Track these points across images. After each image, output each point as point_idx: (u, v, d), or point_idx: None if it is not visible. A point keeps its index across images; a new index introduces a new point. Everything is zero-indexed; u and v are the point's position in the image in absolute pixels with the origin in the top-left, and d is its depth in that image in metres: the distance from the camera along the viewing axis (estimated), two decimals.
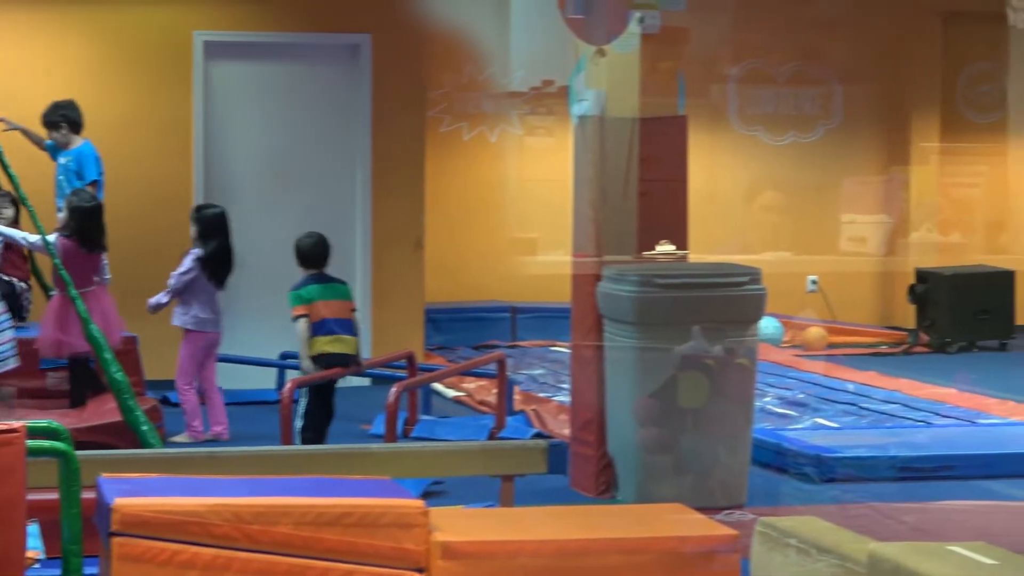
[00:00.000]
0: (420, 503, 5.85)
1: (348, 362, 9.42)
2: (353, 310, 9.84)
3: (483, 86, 15.69)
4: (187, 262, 9.80)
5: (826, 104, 16.80)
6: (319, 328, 9.42)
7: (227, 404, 9.78)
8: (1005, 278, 14.99)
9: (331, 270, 9.71)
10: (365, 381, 11.30)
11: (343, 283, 9.94)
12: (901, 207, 16.47)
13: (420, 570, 5.60)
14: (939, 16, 16.39)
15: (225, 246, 9.81)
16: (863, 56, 16.55)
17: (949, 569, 4.49)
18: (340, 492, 6.04)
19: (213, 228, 10.12)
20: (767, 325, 13.03)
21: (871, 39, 16.44)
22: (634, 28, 8.83)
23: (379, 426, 9.57)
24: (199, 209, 10.44)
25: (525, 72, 15.22)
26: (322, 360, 9.31)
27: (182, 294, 9.79)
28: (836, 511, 7.91)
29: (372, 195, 12.47)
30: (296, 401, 8.79)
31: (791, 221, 16.46)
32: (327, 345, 9.44)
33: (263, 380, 11.13)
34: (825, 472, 8.98)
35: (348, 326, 9.55)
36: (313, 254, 9.62)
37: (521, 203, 15.78)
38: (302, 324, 9.16)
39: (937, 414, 10.79)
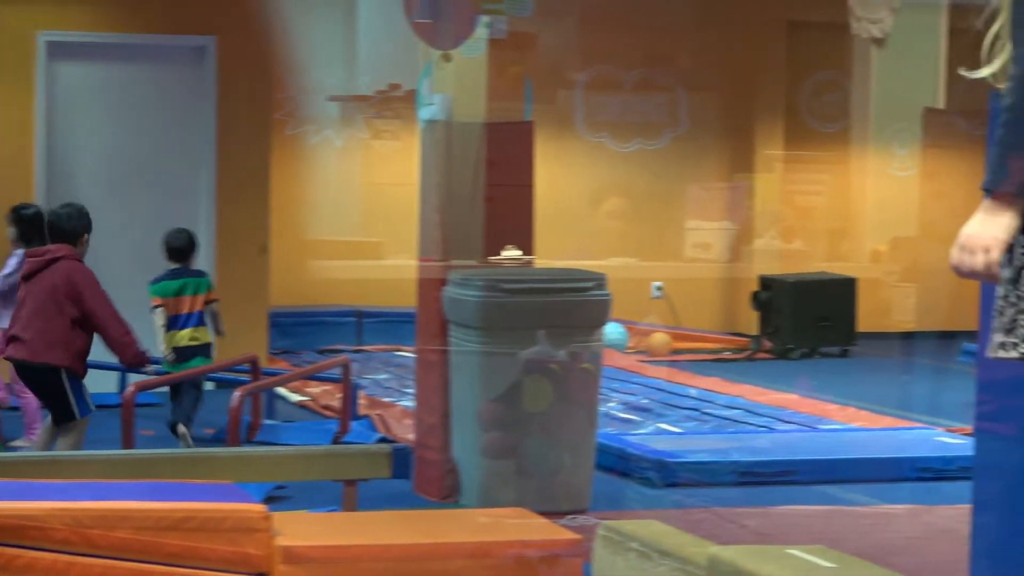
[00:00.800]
0: (262, 507, 5.87)
1: (204, 352, 9.58)
2: (209, 301, 9.95)
3: (330, 89, 15.66)
4: (11, 263, 9.65)
5: (672, 111, 16.86)
6: (176, 322, 9.50)
7: None
8: (847, 285, 15.16)
9: None
10: (209, 384, 11.03)
11: (203, 275, 10.10)
12: (745, 214, 16.72)
13: (262, 575, 5.61)
14: (784, 25, 16.57)
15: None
16: (709, 64, 16.65)
17: (787, 572, 4.55)
18: (182, 496, 6.00)
19: (33, 228, 9.82)
20: (612, 330, 13.04)
21: (717, 47, 16.55)
22: (481, 33, 8.87)
23: (222, 430, 9.54)
24: (17, 210, 10.21)
25: (372, 76, 15.28)
26: (179, 353, 9.41)
27: (7, 296, 9.49)
28: (678, 515, 7.90)
29: (216, 198, 12.41)
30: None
31: (637, 227, 16.66)
32: (184, 338, 9.52)
33: (105, 384, 10.70)
34: (667, 477, 9.06)
35: (201, 318, 9.74)
36: (178, 248, 9.77)
37: (367, 207, 15.81)
38: (158, 315, 9.30)
39: (779, 420, 10.91)
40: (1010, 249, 3.35)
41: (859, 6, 13.16)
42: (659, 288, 16.13)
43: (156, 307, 9.93)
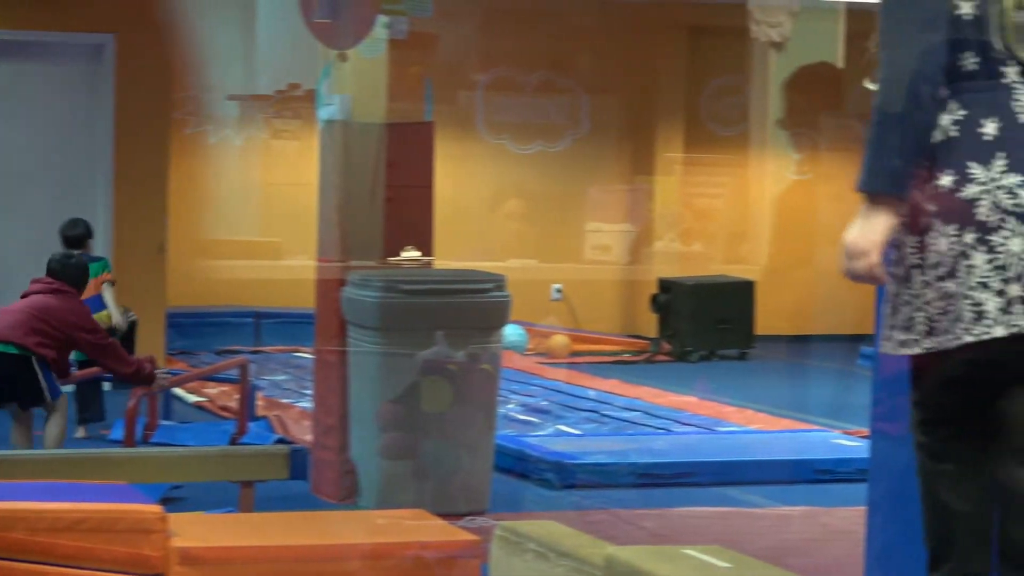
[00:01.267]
0: (158, 508, 5.85)
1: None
2: (103, 282, 10.07)
3: (229, 89, 15.52)
4: None
5: (573, 114, 16.87)
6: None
7: None
8: (745, 288, 15.23)
9: None
10: (106, 385, 11.06)
11: (102, 259, 10.25)
12: (645, 216, 16.75)
13: None
14: (685, 29, 16.61)
15: None
16: (610, 67, 16.69)
17: (683, 572, 4.57)
18: (77, 497, 5.98)
19: None
20: (512, 332, 13.12)
21: (618, 50, 16.57)
22: (381, 33, 8.89)
23: (118, 431, 9.48)
24: None
25: (271, 75, 15.27)
26: None
27: None
28: (576, 516, 7.94)
29: (114, 198, 12.36)
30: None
31: (537, 229, 16.76)
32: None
33: None
34: (566, 478, 9.10)
35: (101, 301, 9.81)
36: (74, 237, 9.86)
37: (267, 207, 15.76)
38: (109, 289, 9.90)
39: (677, 422, 10.96)
40: (899, 247, 3.47)
41: (759, 10, 13.22)
42: (559, 290, 16.23)
43: (108, 282, 10.09)
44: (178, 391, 11.32)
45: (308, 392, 10.80)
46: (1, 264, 11.51)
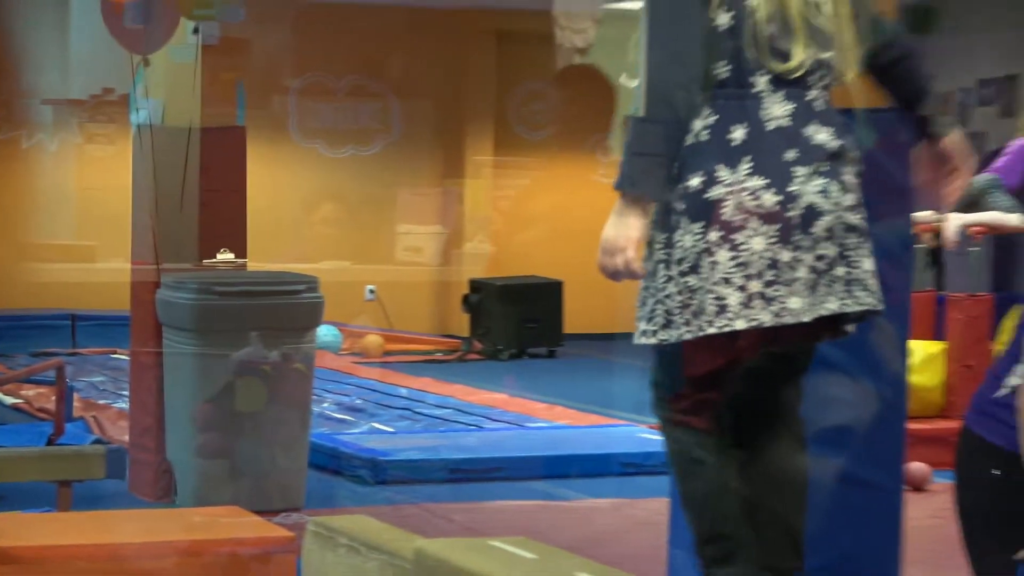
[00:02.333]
0: None
1: None
2: None
3: (43, 93, 15.33)
4: None
5: (385, 118, 16.90)
6: None
7: None
8: (554, 288, 15.42)
9: None
10: None
11: None
12: (456, 219, 16.88)
13: None
14: (493, 34, 16.72)
15: None
16: (421, 72, 16.68)
17: (490, 563, 4.52)
18: None
19: None
20: (326, 332, 13.22)
21: (428, 55, 16.61)
22: (191, 39, 8.80)
23: None
24: None
25: (85, 79, 15.05)
26: None
27: None
28: (389, 511, 7.86)
29: None
30: None
31: (350, 231, 16.80)
32: None
33: None
34: (379, 474, 9.04)
35: None
36: None
37: (82, 211, 15.55)
38: None
39: (488, 418, 11.02)
40: (649, 244, 3.58)
41: (564, 16, 13.42)
42: (372, 291, 16.27)
43: None
44: None
45: (125, 393, 10.42)
46: None
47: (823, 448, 4.78)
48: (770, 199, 3.46)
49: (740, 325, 3.43)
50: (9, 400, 11.49)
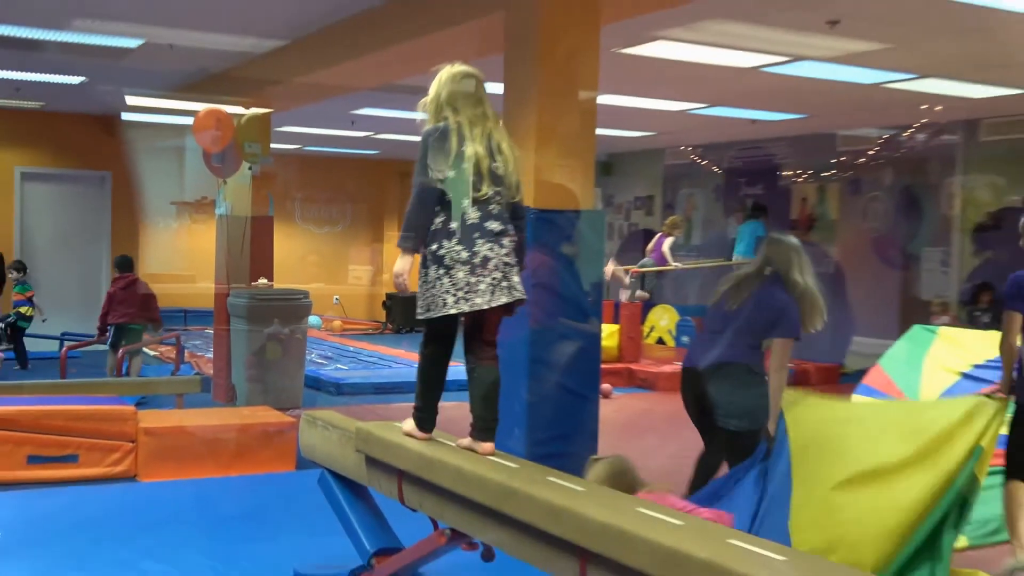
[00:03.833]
0: (132, 407, 7.45)
1: None
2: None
3: (171, 198, 17.49)
4: None
5: (344, 214, 21.01)
6: None
7: None
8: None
9: None
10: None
11: None
12: (378, 262, 21.05)
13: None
14: (397, 174, 20.82)
15: None
16: (362, 191, 20.63)
17: (392, 433, 4.89)
18: (88, 401, 7.68)
19: None
20: (313, 319, 15.79)
21: (366, 182, 20.73)
22: (246, 172, 10.91)
23: None
24: None
25: (193, 190, 17.00)
26: None
27: None
28: (344, 409, 8.93)
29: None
30: None
31: (324, 269, 20.43)
32: None
33: None
34: (339, 390, 11.24)
35: None
36: None
37: (189, 257, 17.71)
38: None
39: (395, 362, 13.34)
40: (420, 272, 4.58)
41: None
42: (337, 299, 20.46)
43: None
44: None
45: (210, 350, 12.44)
46: None
47: (553, 372, 6.62)
48: (465, 254, 4.49)
49: (454, 311, 4.51)
50: (153, 353, 14.37)
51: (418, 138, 4.53)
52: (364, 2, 8.86)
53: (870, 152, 14.93)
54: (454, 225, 4.49)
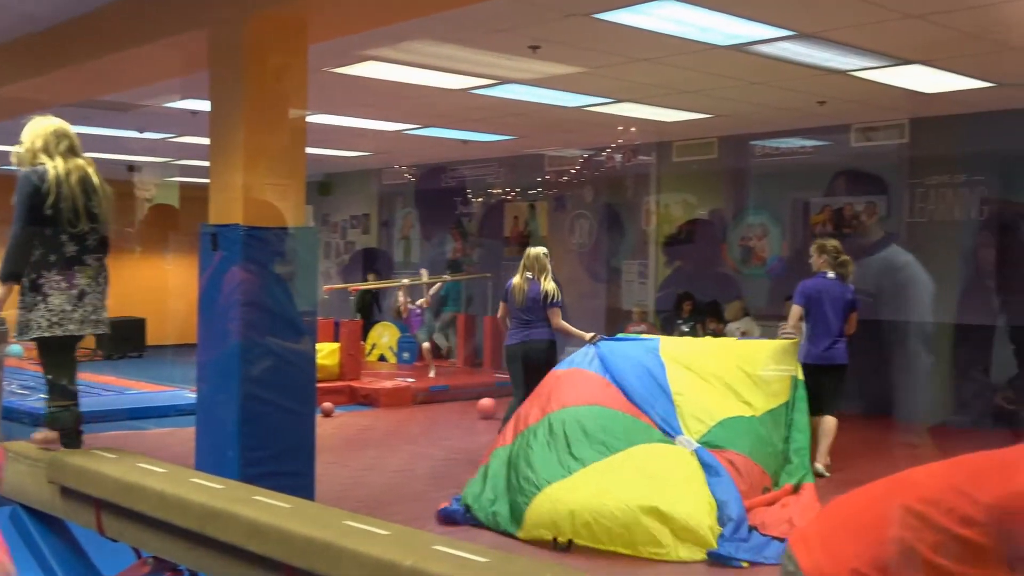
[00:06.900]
0: None
1: None
2: None
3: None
4: None
5: None
6: None
7: None
8: (141, 322, 17.95)
9: None
10: None
11: None
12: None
13: None
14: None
15: None
16: None
17: (93, 461, 4.72)
18: None
19: None
20: (13, 348, 14.32)
21: None
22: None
23: None
24: None
25: None
26: None
27: None
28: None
29: None
30: None
31: None
32: None
33: None
34: (36, 421, 8.87)
35: None
36: None
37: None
38: None
39: (103, 391, 12.68)
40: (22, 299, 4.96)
41: (139, 181, 16.27)
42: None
43: None
44: None
45: None
46: None
47: (266, 391, 6.53)
48: (64, 284, 4.96)
49: (48, 335, 4.88)
50: None
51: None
52: (59, 15, 8.60)
53: (572, 171, 15.33)
54: (52, 257, 4.97)
